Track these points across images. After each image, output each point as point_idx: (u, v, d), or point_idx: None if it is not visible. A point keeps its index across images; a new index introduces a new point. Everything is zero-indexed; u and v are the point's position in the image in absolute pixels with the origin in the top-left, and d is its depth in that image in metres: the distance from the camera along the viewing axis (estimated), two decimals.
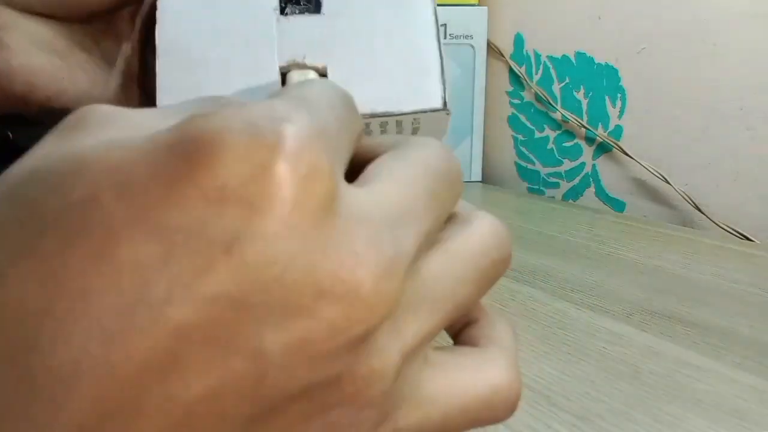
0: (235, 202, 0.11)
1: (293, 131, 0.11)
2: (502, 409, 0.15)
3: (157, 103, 0.22)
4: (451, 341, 0.17)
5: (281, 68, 0.21)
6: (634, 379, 0.26)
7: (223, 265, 0.10)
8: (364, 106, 0.21)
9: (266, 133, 0.11)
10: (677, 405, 0.24)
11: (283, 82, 0.21)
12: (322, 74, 0.21)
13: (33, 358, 0.10)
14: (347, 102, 0.15)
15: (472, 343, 0.16)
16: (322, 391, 0.12)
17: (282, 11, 0.21)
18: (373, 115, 0.21)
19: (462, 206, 0.16)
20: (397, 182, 0.14)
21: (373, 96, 0.21)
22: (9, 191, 0.11)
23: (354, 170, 0.14)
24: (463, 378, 0.15)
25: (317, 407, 0.12)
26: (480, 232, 0.15)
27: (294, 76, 0.21)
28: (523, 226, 0.54)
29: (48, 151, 0.12)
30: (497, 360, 0.15)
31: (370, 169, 0.14)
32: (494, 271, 0.15)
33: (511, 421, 0.23)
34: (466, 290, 0.15)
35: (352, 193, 0.12)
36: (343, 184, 0.12)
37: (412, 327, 0.13)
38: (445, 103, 0.21)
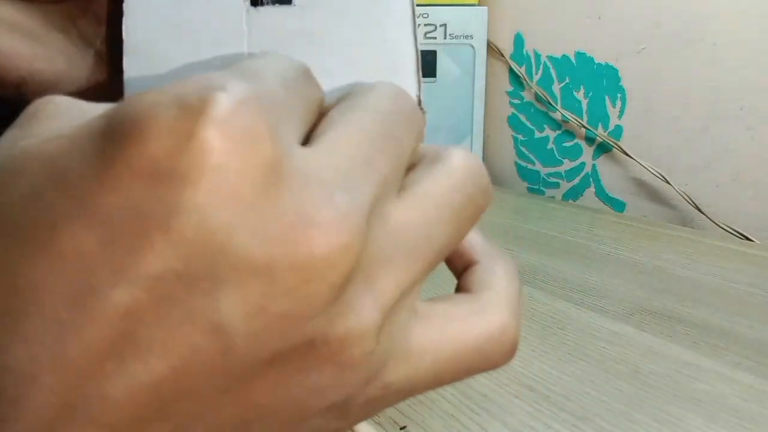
0: (166, 177, 0.10)
1: (223, 97, 0.11)
2: (497, 355, 0.15)
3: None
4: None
5: None
6: (634, 379, 0.26)
7: (162, 242, 0.10)
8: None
9: (193, 102, 0.10)
10: (677, 405, 0.24)
11: None
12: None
13: None
14: (301, 72, 0.14)
15: (468, 288, 0.16)
16: (298, 355, 0.12)
17: (252, 2, 0.20)
18: None
19: (430, 147, 0.15)
20: (346, 133, 0.13)
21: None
22: None
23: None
24: (454, 327, 0.14)
25: (295, 370, 0.12)
26: (450, 167, 0.15)
27: None
28: (523, 226, 0.54)
29: (2, 145, 0.12)
30: (490, 305, 0.15)
31: (319, 127, 0.14)
32: (473, 206, 0.15)
33: (511, 421, 0.23)
34: (444, 231, 0.14)
35: (299, 154, 0.12)
36: (292, 147, 0.12)
37: (388, 279, 0.13)
38: (419, 101, 0.20)
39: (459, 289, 0.16)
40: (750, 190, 0.56)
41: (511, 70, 0.76)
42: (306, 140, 0.13)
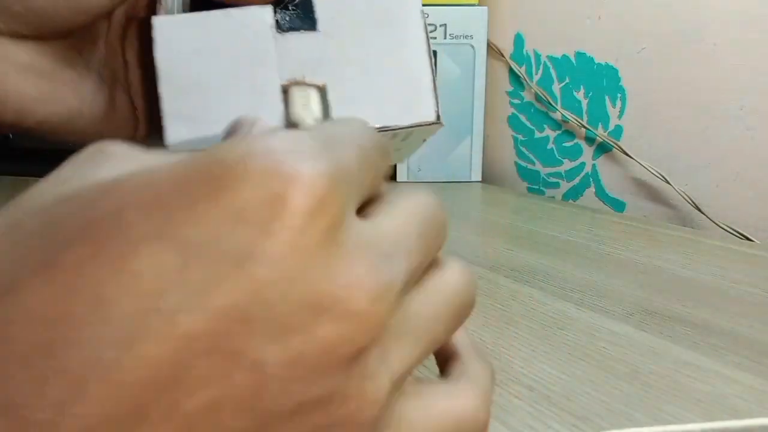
0: (250, 223, 0.12)
1: (310, 168, 0.12)
2: None
3: (164, 128, 0.22)
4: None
5: (283, 86, 0.22)
6: (634, 379, 0.26)
7: (233, 278, 0.11)
8: (380, 117, 0.22)
9: (286, 167, 0.12)
10: (677, 405, 0.24)
11: (285, 99, 0.22)
12: (322, 92, 0.22)
13: (46, 361, 0.10)
14: (377, 143, 0.16)
15: (449, 375, 0.18)
16: (315, 411, 0.12)
17: (277, 25, 0.22)
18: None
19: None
20: (395, 220, 0.15)
21: (372, 112, 0.22)
22: (37, 209, 0.12)
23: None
24: (437, 406, 0.16)
25: (309, 427, 0.13)
26: (453, 275, 0.17)
27: (295, 93, 0.22)
28: (523, 226, 0.54)
29: (67, 177, 0.13)
30: (467, 391, 0.17)
31: (376, 204, 0.16)
32: (463, 312, 0.17)
33: (511, 421, 0.23)
34: (441, 328, 0.16)
35: (357, 224, 0.14)
36: (351, 216, 0.13)
37: (398, 355, 0.14)
38: (438, 116, 0.22)
39: (441, 375, 0.19)
40: (750, 190, 0.56)
41: (511, 70, 0.76)
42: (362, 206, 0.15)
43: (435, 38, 0.71)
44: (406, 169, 0.74)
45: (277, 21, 0.22)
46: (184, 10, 0.23)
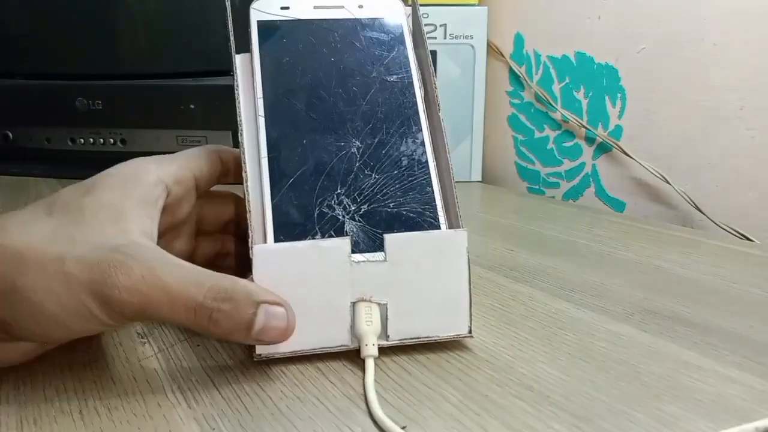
0: None
1: None
2: None
3: None
4: None
5: (352, 303, 0.27)
6: (634, 379, 0.26)
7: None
8: (412, 332, 0.28)
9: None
10: (677, 405, 0.24)
11: (352, 312, 0.27)
12: (383, 308, 0.27)
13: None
14: None
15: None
16: None
17: (352, 257, 0.27)
18: (419, 338, 0.28)
19: None
20: None
21: (419, 324, 0.28)
22: None
23: None
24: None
25: None
26: None
27: (361, 309, 0.27)
28: (523, 226, 0.54)
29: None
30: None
31: None
32: None
33: (511, 421, 0.23)
34: None
35: None
36: None
37: None
38: (470, 330, 0.29)
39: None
40: (750, 190, 0.56)
41: (511, 70, 0.76)
42: None
43: (435, 38, 0.71)
44: None
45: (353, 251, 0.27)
46: None
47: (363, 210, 0.29)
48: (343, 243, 0.27)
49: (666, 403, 0.24)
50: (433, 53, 0.72)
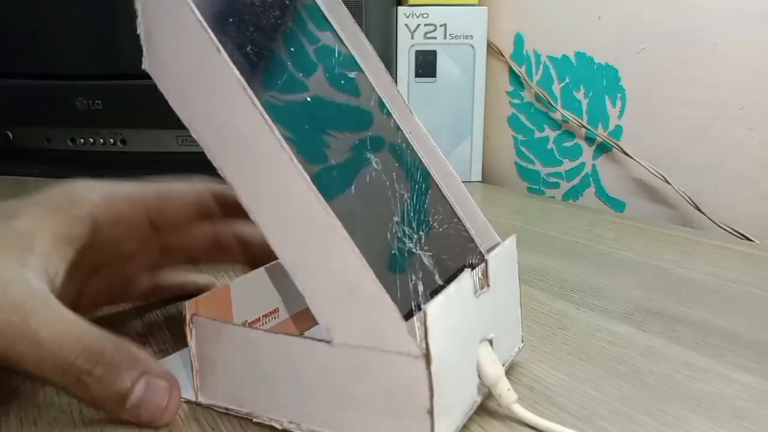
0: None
1: None
2: None
3: None
4: None
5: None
6: (634, 379, 0.26)
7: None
8: (503, 360, 0.25)
9: None
10: (677, 405, 0.24)
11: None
12: (491, 343, 0.24)
13: None
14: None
15: None
16: None
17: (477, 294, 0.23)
18: (503, 363, 0.25)
19: None
20: None
21: (506, 351, 0.26)
22: None
23: None
24: None
25: None
26: None
27: (483, 350, 0.23)
28: (523, 226, 0.54)
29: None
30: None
31: None
32: None
33: (511, 420, 0.23)
34: None
35: None
36: None
37: None
38: (522, 340, 0.28)
39: None
40: (750, 190, 0.56)
41: (511, 70, 0.76)
42: None
43: (435, 38, 0.71)
44: None
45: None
46: None
47: (423, 237, 0.24)
48: (467, 279, 0.22)
49: (666, 403, 0.24)
50: (433, 53, 0.72)
